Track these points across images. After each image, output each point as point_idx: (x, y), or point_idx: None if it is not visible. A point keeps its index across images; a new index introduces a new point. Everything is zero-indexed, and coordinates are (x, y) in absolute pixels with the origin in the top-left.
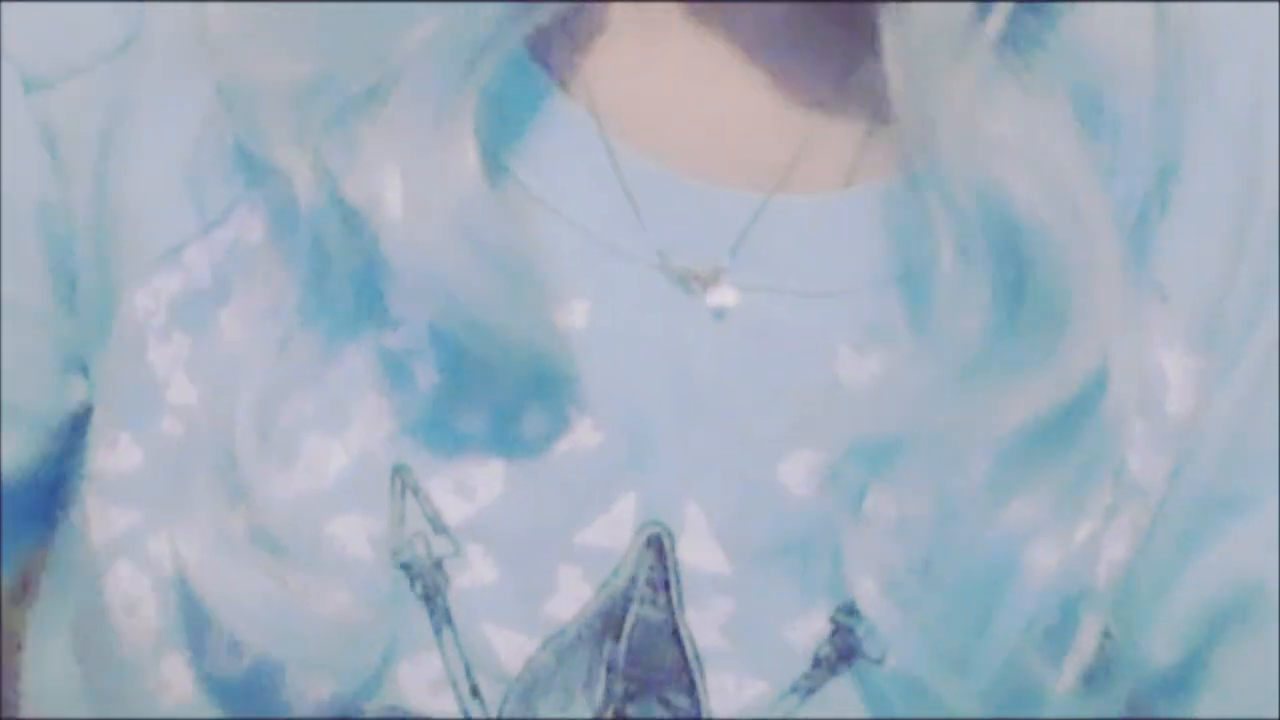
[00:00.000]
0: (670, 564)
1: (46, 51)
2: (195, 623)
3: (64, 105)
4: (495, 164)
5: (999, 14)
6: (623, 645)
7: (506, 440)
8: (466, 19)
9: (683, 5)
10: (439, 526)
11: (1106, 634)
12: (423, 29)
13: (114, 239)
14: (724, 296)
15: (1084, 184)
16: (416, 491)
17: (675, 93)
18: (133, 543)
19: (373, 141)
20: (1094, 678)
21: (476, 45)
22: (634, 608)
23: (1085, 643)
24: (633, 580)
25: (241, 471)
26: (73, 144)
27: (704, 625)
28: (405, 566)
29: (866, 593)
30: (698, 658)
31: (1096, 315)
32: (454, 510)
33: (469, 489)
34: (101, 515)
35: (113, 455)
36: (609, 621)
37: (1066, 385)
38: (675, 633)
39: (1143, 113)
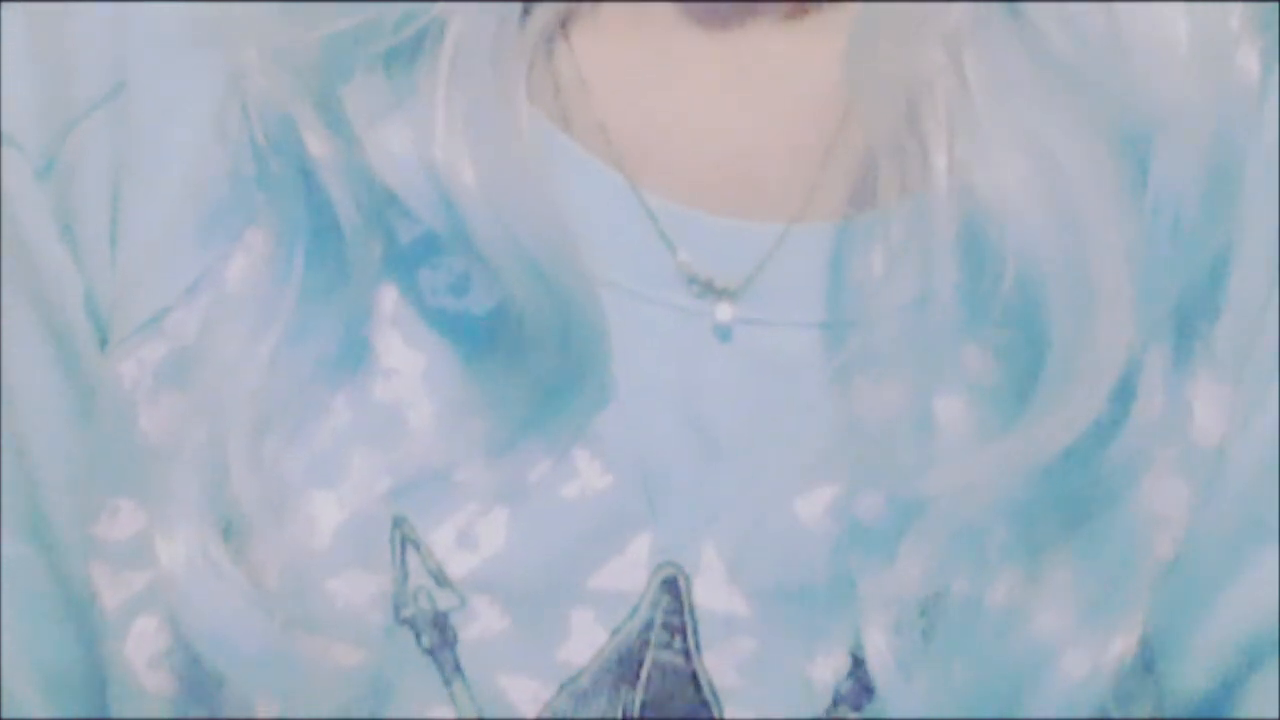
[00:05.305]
0: (686, 606)
1: (42, 113)
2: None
3: (70, 178)
4: None
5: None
6: (640, 692)
7: (510, 488)
8: None
9: (688, 36)
10: (442, 580)
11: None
12: None
13: (113, 305)
14: (724, 313)
15: (1096, 227)
16: (418, 545)
17: (694, 128)
18: (154, 598)
19: (425, 100)
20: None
21: None
22: (650, 653)
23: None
24: (648, 624)
25: (240, 523)
26: (85, 222)
27: (723, 667)
28: (409, 621)
29: (874, 646)
30: (717, 701)
31: (1097, 356)
32: (458, 562)
33: (472, 540)
34: (113, 580)
35: (115, 523)
36: (625, 667)
37: (1071, 430)
38: (694, 677)
39: (1192, 166)
